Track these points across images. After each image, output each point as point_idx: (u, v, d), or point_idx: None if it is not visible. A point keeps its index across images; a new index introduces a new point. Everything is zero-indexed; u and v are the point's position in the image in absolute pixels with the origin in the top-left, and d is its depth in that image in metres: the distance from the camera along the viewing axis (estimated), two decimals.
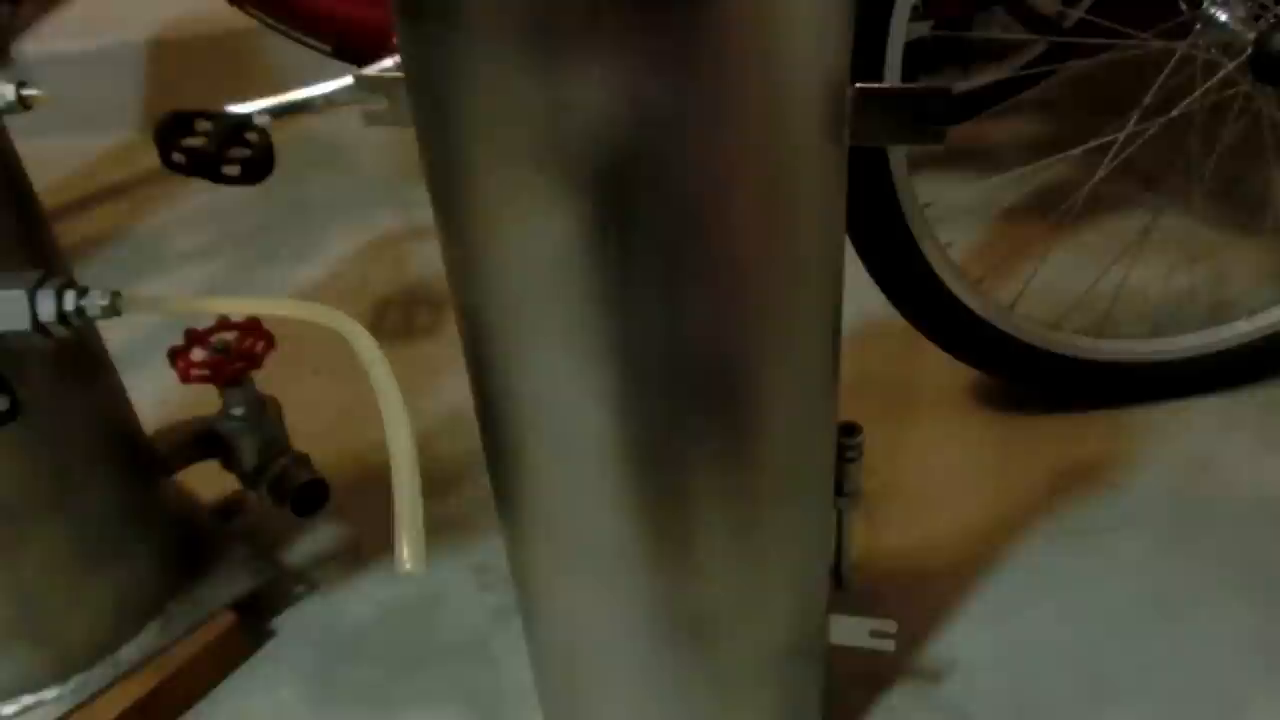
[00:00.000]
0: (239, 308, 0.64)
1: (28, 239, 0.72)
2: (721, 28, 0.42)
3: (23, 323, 0.61)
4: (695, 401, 0.52)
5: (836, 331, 0.57)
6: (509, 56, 0.43)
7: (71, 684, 0.80)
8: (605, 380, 0.50)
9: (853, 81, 0.49)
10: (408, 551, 0.50)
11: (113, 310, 0.63)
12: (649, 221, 0.46)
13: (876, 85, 0.48)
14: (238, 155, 1.05)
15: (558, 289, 0.48)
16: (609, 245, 0.46)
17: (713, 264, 0.48)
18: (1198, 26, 0.92)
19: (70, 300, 0.62)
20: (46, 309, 0.62)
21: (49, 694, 0.80)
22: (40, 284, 0.62)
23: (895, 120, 0.49)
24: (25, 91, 0.61)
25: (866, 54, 0.83)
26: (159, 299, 0.64)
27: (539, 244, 0.47)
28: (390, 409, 0.55)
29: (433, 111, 0.48)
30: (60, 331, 0.63)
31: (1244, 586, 0.87)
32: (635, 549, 0.57)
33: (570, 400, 0.52)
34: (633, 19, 0.41)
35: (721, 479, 0.55)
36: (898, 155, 0.88)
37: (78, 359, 0.77)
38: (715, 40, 0.42)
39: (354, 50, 1.18)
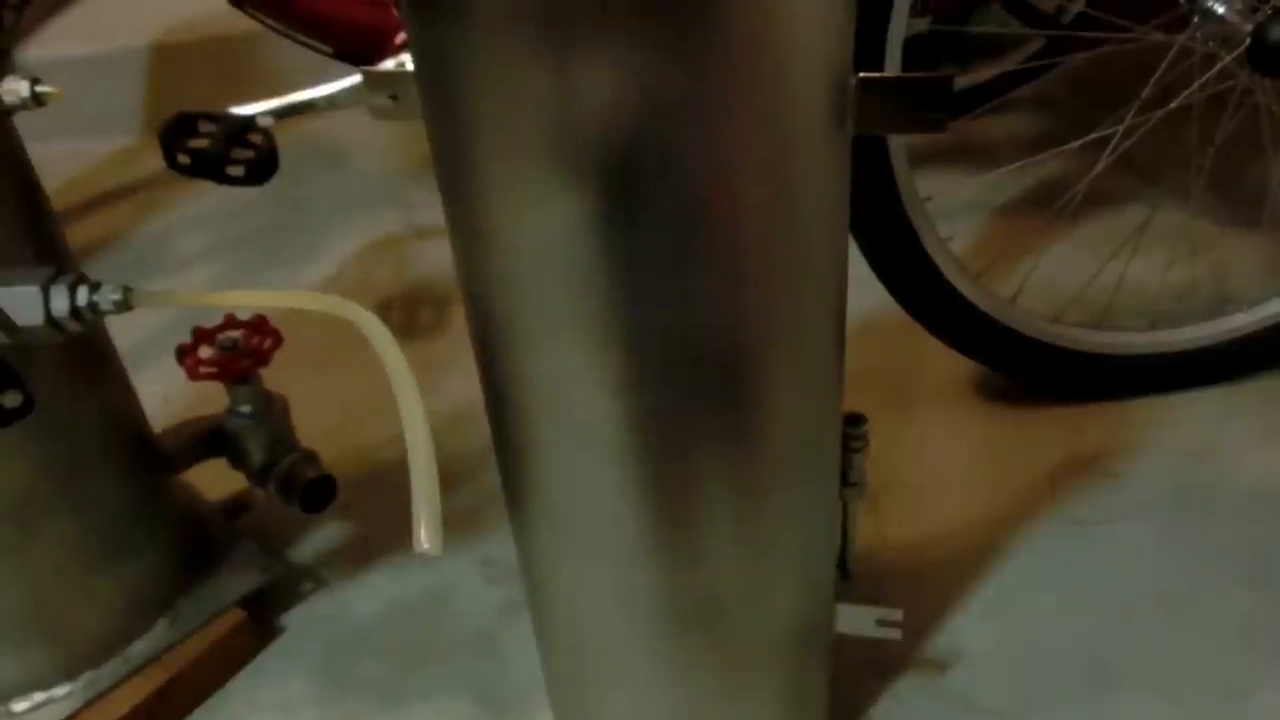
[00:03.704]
0: (249, 301, 0.64)
1: (40, 236, 0.73)
2: (728, 16, 0.43)
3: (36, 317, 0.62)
4: (701, 389, 0.52)
5: (841, 320, 0.58)
6: (518, 46, 0.43)
7: (81, 681, 0.81)
8: (612, 368, 0.51)
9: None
10: (425, 532, 0.51)
11: (124, 305, 0.64)
12: (656, 209, 0.46)
13: (878, 74, 0.49)
14: (242, 156, 1.05)
15: (565, 277, 0.49)
16: (616, 233, 0.47)
17: (718, 251, 0.48)
18: (1195, 19, 0.93)
19: (83, 295, 0.63)
20: (60, 304, 0.62)
21: (59, 691, 0.80)
22: (54, 279, 0.63)
23: (896, 108, 0.49)
24: (40, 89, 0.61)
25: (867, 50, 0.84)
26: (169, 294, 0.65)
27: (546, 233, 0.48)
28: (404, 393, 0.55)
29: (442, 102, 0.48)
30: (73, 326, 0.64)
31: (1245, 576, 0.88)
32: (641, 535, 0.57)
33: (577, 388, 0.52)
34: (640, 8, 0.42)
35: (727, 466, 0.56)
36: (899, 150, 0.88)
37: (87, 357, 0.78)
38: (722, 29, 0.43)
39: (355, 52, 1.19)
